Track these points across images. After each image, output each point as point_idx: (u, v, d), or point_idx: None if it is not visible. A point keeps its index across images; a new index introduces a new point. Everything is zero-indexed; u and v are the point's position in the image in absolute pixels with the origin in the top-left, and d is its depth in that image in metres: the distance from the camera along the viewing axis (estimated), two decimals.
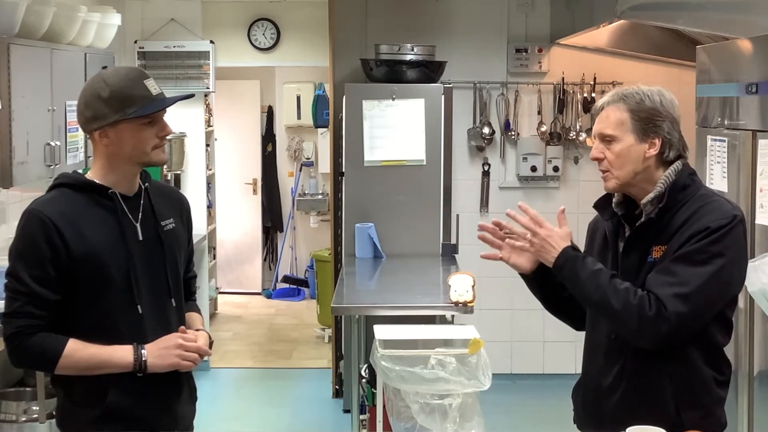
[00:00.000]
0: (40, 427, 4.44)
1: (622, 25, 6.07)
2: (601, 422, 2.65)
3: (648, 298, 2.47)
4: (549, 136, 6.74)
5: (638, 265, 2.59)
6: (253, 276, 9.86)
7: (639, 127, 2.59)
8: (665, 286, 2.47)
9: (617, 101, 2.61)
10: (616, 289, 2.51)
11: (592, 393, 2.71)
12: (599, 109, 2.66)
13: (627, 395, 2.60)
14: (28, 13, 4.46)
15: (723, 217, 2.51)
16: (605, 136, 2.62)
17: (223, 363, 7.34)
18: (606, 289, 2.52)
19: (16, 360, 2.60)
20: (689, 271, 2.47)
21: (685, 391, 2.56)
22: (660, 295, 2.47)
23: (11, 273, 2.55)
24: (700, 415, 2.56)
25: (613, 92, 2.67)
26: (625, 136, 2.59)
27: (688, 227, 2.52)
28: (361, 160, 6.06)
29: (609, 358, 2.64)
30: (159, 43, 6.98)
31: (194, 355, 2.65)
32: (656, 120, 2.59)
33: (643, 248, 2.60)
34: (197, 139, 7.36)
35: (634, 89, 2.63)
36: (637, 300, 2.48)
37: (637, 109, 2.59)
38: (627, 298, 2.49)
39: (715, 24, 4.47)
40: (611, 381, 2.63)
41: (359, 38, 6.66)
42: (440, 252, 6.03)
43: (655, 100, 2.60)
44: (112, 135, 2.60)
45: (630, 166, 2.59)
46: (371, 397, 4.52)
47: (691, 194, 2.58)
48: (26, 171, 4.43)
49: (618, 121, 2.60)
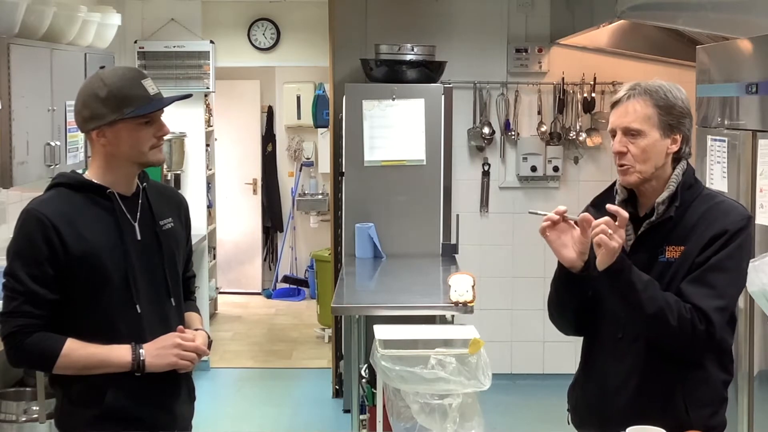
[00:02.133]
0: (40, 427, 4.44)
1: (622, 25, 6.07)
2: (607, 422, 2.64)
3: (697, 314, 2.48)
4: (549, 136, 6.74)
5: (648, 263, 2.58)
6: (253, 276, 9.86)
7: (665, 123, 2.59)
8: (707, 299, 2.48)
9: (643, 95, 2.60)
10: (669, 303, 2.49)
11: (596, 393, 2.70)
12: (617, 101, 2.65)
13: (637, 395, 2.60)
14: (28, 13, 4.46)
15: (739, 218, 2.54)
16: (631, 130, 2.60)
17: (223, 363, 7.34)
18: (660, 302, 2.49)
19: (14, 359, 2.60)
20: (724, 280, 2.50)
21: (696, 390, 2.56)
22: (706, 309, 2.47)
23: (9, 272, 2.55)
24: (708, 414, 2.58)
25: (631, 85, 2.64)
26: (652, 131, 2.59)
27: (706, 229, 2.53)
28: (361, 160, 6.06)
29: (616, 359, 2.64)
30: (159, 43, 6.98)
31: (192, 354, 2.65)
32: (680, 117, 2.61)
33: (653, 247, 2.59)
34: (197, 139, 7.35)
35: (656, 84, 2.62)
36: (689, 315, 2.47)
37: (664, 104, 2.59)
38: (681, 312, 2.47)
39: (715, 24, 4.46)
40: (620, 381, 2.62)
41: (359, 38, 6.66)
42: (440, 252, 6.02)
43: (677, 96, 2.61)
44: (110, 135, 2.60)
45: (653, 161, 2.60)
46: (371, 397, 4.52)
47: (696, 193, 2.61)
48: (26, 171, 4.43)
49: (645, 115, 2.59)
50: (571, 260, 2.60)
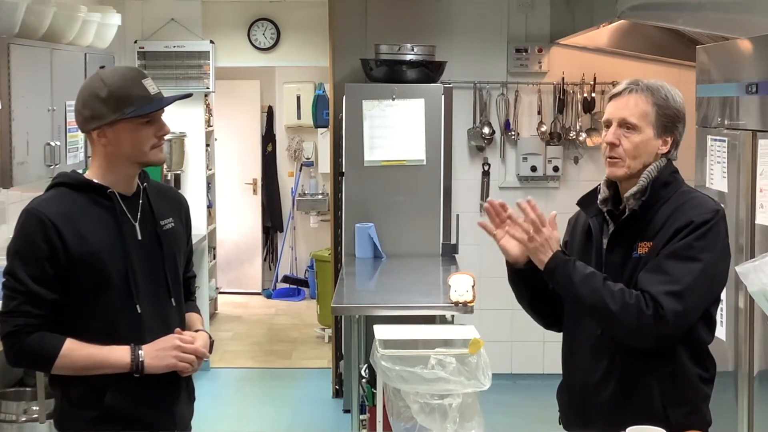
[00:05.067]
0: (40, 427, 4.44)
1: (622, 25, 6.07)
2: (588, 420, 2.66)
3: (644, 298, 2.48)
4: (549, 136, 6.74)
5: (622, 260, 2.61)
6: (253, 276, 9.86)
7: (660, 123, 2.62)
8: (658, 284, 2.48)
9: (644, 91, 2.62)
10: (611, 291, 2.51)
11: (578, 390, 2.72)
12: (618, 93, 2.66)
13: (616, 393, 2.61)
14: (28, 13, 4.46)
15: (706, 212, 2.54)
16: (627, 123, 2.62)
17: (223, 363, 7.34)
18: (601, 291, 2.51)
19: (13, 359, 2.60)
20: (679, 268, 2.49)
21: (672, 388, 2.57)
22: (654, 293, 2.47)
23: (9, 272, 2.55)
24: (686, 412, 2.58)
25: (633, 80, 2.66)
26: (647, 128, 2.61)
27: (672, 222, 2.55)
28: (361, 160, 6.06)
29: (595, 356, 2.65)
30: (159, 43, 6.99)
31: (191, 356, 2.64)
32: (675, 120, 2.63)
33: (627, 244, 2.61)
34: (197, 139, 7.36)
35: (658, 83, 2.64)
36: (633, 300, 2.48)
37: (663, 105, 2.61)
38: (623, 299, 2.49)
39: (715, 24, 4.46)
40: (599, 378, 2.63)
41: (359, 38, 6.66)
42: (440, 252, 6.03)
43: (677, 99, 2.64)
44: (110, 135, 2.60)
45: (643, 158, 2.62)
46: (371, 397, 4.52)
47: (672, 191, 2.62)
48: (26, 171, 4.42)
49: (643, 112, 2.61)
50: (514, 256, 2.72)
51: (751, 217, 3.76)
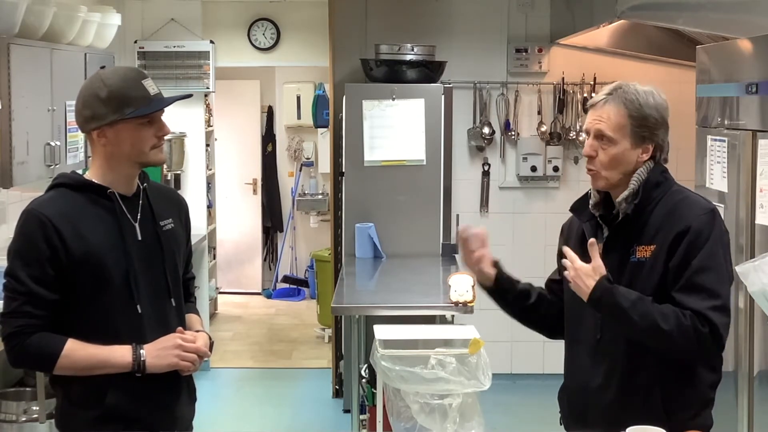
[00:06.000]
0: (40, 427, 4.44)
1: (622, 25, 6.07)
2: (589, 422, 2.66)
3: (696, 317, 2.48)
4: (549, 136, 6.74)
5: (619, 264, 2.61)
6: (253, 276, 9.86)
7: (637, 134, 2.62)
8: (701, 302, 2.49)
9: (618, 104, 2.61)
10: (663, 314, 2.49)
11: (579, 394, 2.72)
12: (595, 104, 2.67)
13: (618, 396, 2.61)
14: (28, 13, 4.46)
15: (702, 212, 2.56)
16: (603, 136, 2.62)
17: (223, 363, 7.34)
18: (654, 315, 2.50)
19: (15, 360, 2.60)
20: (713, 280, 2.51)
21: (678, 392, 2.57)
22: (702, 311, 2.48)
23: (9, 273, 2.55)
24: (689, 416, 2.58)
25: (612, 87, 2.66)
26: (622, 140, 2.62)
27: (670, 226, 2.55)
28: (361, 160, 6.06)
29: (596, 359, 2.65)
30: (159, 43, 6.99)
31: (193, 355, 2.65)
32: (653, 128, 2.62)
33: (623, 248, 2.61)
34: (197, 139, 7.36)
35: (632, 90, 2.63)
36: (689, 320, 2.48)
37: (637, 116, 2.60)
38: (678, 320, 2.48)
39: (715, 24, 4.46)
40: (601, 381, 2.64)
41: (359, 38, 6.66)
42: (440, 252, 6.03)
43: (651, 105, 2.61)
44: (111, 135, 2.60)
45: (621, 168, 2.63)
46: (371, 397, 4.52)
47: (664, 191, 2.62)
48: (26, 171, 4.42)
49: (618, 124, 2.61)
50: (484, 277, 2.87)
51: (751, 217, 3.76)
